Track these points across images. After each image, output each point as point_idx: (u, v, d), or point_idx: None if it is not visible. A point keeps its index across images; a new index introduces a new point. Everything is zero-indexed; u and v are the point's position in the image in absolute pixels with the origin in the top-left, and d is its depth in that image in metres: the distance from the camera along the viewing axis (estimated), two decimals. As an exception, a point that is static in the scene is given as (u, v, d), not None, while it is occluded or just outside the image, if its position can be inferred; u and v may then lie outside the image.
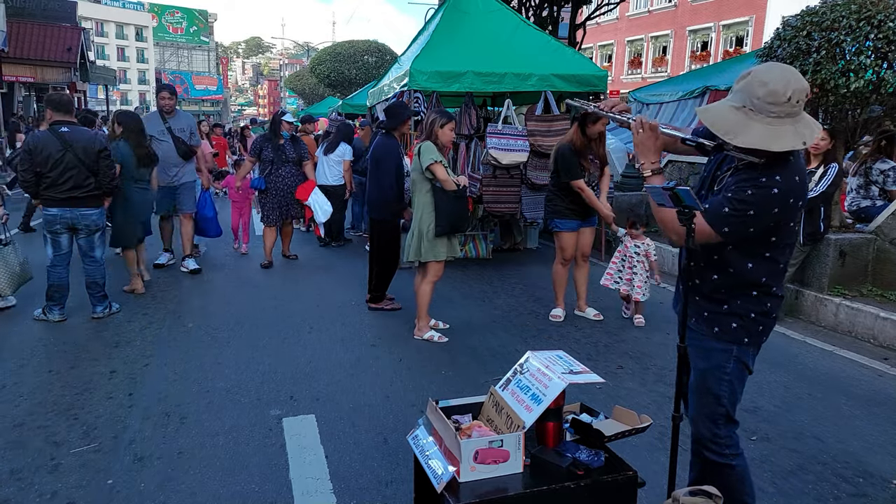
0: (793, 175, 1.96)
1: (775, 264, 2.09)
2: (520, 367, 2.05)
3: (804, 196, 2.03)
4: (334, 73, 34.70)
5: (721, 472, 2.21)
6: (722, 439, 2.19)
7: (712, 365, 2.16)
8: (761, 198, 1.94)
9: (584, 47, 15.46)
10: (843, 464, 3.05)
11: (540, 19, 12.90)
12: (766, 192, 1.94)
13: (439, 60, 7.02)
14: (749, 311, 2.11)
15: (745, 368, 2.17)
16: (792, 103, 1.90)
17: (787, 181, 1.94)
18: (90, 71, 27.20)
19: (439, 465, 1.81)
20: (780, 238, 2.06)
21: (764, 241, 2.05)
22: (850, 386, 4.02)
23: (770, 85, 1.90)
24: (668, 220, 2.10)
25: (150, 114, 6.64)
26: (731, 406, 2.17)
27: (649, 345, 4.69)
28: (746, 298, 2.11)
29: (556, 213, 5.13)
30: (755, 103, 1.91)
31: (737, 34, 27.02)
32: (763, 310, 2.11)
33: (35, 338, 4.68)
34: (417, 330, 4.77)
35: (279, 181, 6.98)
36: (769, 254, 2.07)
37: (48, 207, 4.83)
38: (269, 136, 7.01)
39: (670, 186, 2.23)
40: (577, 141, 4.94)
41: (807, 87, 1.96)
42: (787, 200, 1.95)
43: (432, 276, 4.69)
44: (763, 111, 1.90)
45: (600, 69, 7.71)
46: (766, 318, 2.13)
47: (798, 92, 1.91)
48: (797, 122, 1.93)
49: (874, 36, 4.86)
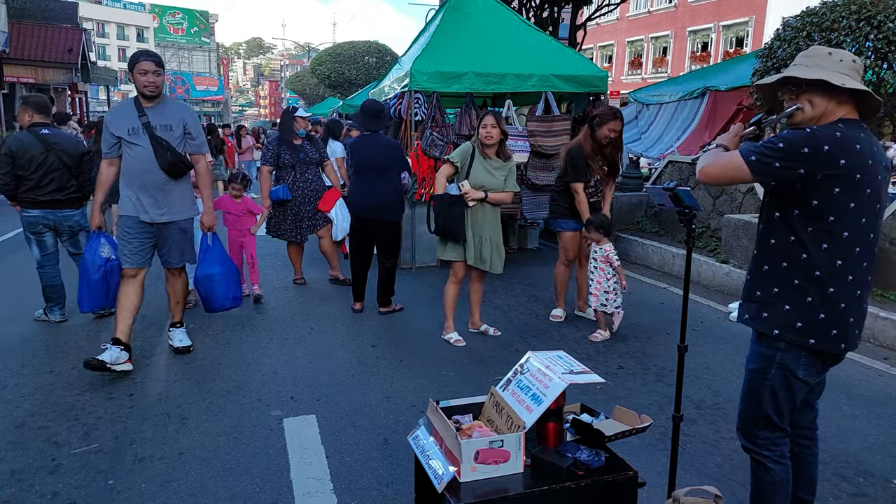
0: (836, 129, 1.93)
1: (832, 256, 1.96)
2: (520, 368, 2.05)
3: (852, 159, 1.90)
4: (335, 73, 34.71)
5: (755, 470, 2.23)
6: (760, 440, 2.19)
7: (756, 368, 2.16)
8: (792, 134, 1.94)
9: (584, 48, 15.45)
10: (844, 463, 3.05)
11: (540, 20, 12.90)
12: (799, 132, 1.94)
13: (440, 61, 7.02)
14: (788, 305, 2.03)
15: (790, 376, 2.09)
16: (835, 60, 2.01)
17: (826, 129, 1.93)
18: (91, 72, 27.21)
19: (440, 466, 1.81)
20: (825, 208, 1.93)
21: (808, 209, 1.96)
22: (850, 386, 4.02)
23: (812, 48, 2.08)
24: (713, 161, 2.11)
25: (122, 103, 4.18)
26: (773, 411, 2.14)
27: (650, 345, 4.69)
28: (791, 292, 2.02)
29: (559, 214, 5.12)
30: (797, 61, 2.06)
31: (737, 35, 27.02)
32: (811, 308, 2.00)
33: (36, 338, 4.68)
34: (443, 330, 4.77)
35: (306, 186, 5.92)
36: (826, 244, 1.96)
37: (29, 209, 4.74)
38: (283, 138, 5.86)
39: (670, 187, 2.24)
40: (586, 144, 4.89)
41: (853, 57, 2.06)
42: (819, 145, 1.89)
43: (451, 277, 4.67)
44: (801, 63, 2.04)
45: (600, 70, 7.71)
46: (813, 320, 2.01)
47: (840, 53, 2.04)
48: (840, 76, 1.97)
49: (874, 36, 4.87)
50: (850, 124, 1.97)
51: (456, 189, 4.41)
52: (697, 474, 2.92)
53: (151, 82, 3.88)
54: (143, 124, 3.89)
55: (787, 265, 2.03)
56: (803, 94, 2.00)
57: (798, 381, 2.10)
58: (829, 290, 1.98)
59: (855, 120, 2.00)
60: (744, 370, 2.25)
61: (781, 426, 2.16)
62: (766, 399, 2.13)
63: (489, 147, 4.42)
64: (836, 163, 1.89)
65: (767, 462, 2.18)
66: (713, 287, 6.33)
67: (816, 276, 1.98)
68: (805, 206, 1.97)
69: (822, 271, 1.98)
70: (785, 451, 2.20)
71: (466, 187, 4.38)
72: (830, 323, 2.00)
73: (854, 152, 1.91)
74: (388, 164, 5.13)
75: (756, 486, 2.24)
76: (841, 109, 1.99)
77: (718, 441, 3.26)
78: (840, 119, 1.98)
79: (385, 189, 5.14)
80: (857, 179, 1.92)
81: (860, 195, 1.94)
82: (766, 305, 2.09)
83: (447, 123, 7.31)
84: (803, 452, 2.31)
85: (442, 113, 7.22)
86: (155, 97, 3.94)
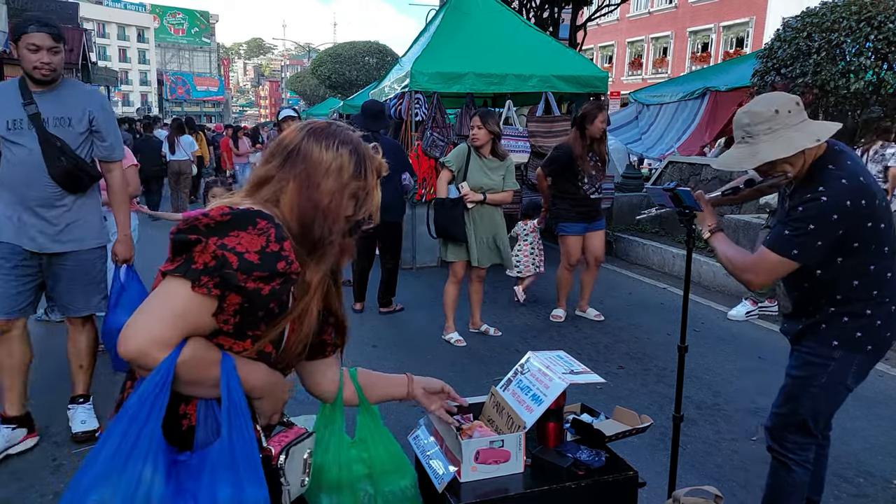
0: (838, 179, 1.94)
1: (867, 270, 2.02)
2: (521, 368, 2.05)
3: (867, 194, 1.95)
4: (335, 74, 34.71)
5: (776, 470, 2.23)
6: (789, 443, 2.19)
7: (803, 374, 2.14)
8: (814, 210, 1.92)
9: (584, 48, 15.47)
10: (844, 464, 3.05)
11: (541, 20, 12.91)
12: (816, 204, 1.92)
13: (440, 61, 7.03)
14: (844, 316, 2.06)
15: (838, 384, 2.10)
16: (783, 115, 1.94)
17: (834, 186, 1.92)
18: (92, 72, 27.19)
19: (440, 466, 1.81)
20: (866, 242, 1.98)
21: (850, 252, 1.98)
22: (850, 387, 4.01)
23: (752, 108, 2.00)
24: (731, 258, 2.11)
25: (4, 84, 2.96)
26: (811, 418, 2.14)
27: (650, 345, 4.69)
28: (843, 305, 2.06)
29: (560, 218, 5.12)
30: (748, 131, 1.99)
31: (737, 35, 27.03)
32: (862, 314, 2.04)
33: (37, 339, 4.66)
34: (444, 330, 4.78)
35: None
36: (863, 265, 2.01)
37: None
38: None
39: (670, 187, 2.24)
40: (576, 146, 4.90)
41: (794, 98, 2.01)
42: (843, 205, 1.91)
43: (450, 277, 4.67)
44: (759, 133, 1.96)
45: (601, 70, 7.73)
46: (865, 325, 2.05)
47: (784, 104, 1.96)
48: (803, 128, 1.95)
49: (874, 37, 4.87)
50: (835, 161, 1.98)
51: (456, 192, 4.43)
52: (697, 474, 2.92)
53: (46, 64, 2.76)
54: (29, 116, 2.80)
55: (840, 297, 2.06)
56: (780, 162, 1.98)
57: (844, 390, 2.12)
58: (886, 299, 2.05)
59: (829, 152, 2.01)
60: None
61: (814, 432, 2.17)
62: (806, 405, 2.13)
63: (481, 147, 4.43)
64: (861, 206, 1.93)
65: (792, 465, 2.18)
66: (713, 287, 6.33)
67: (874, 295, 2.03)
68: (847, 251, 1.99)
69: (878, 289, 2.03)
70: (810, 457, 2.20)
71: (465, 189, 4.40)
72: (886, 328, 2.06)
73: (860, 184, 1.95)
74: (390, 166, 5.14)
75: (774, 486, 2.24)
76: (813, 150, 1.99)
77: (718, 441, 3.26)
78: (824, 158, 1.98)
79: (386, 190, 5.14)
80: (877, 204, 1.97)
81: (882, 213, 1.98)
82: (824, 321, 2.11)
83: (448, 124, 7.32)
84: (817, 453, 2.32)
85: (442, 113, 7.23)
86: (49, 81, 2.83)
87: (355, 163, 1.36)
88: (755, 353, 4.57)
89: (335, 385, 1.62)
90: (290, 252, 1.21)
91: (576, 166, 4.89)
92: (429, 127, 7.02)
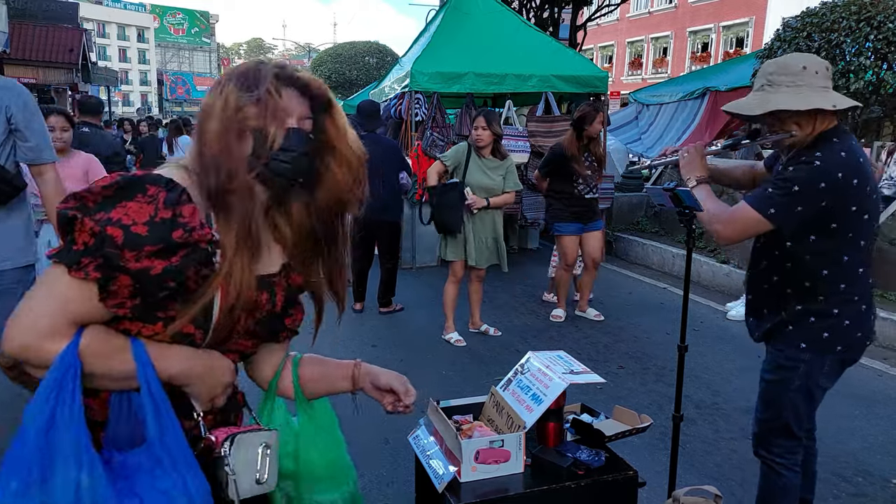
0: (838, 151, 1.90)
1: (840, 259, 1.98)
2: (520, 368, 2.05)
3: (861, 175, 1.90)
4: (335, 74, 34.67)
5: (766, 474, 2.23)
6: (775, 448, 2.18)
7: (776, 378, 2.13)
8: (803, 172, 1.89)
9: (584, 48, 15.46)
10: (843, 463, 3.06)
11: (540, 20, 12.91)
12: (807, 167, 1.89)
13: (440, 61, 7.03)
14: (811, 315, 2.03)
15: (813, 386, 2.09)
16: (810, 73, 1.91)
17: (831, 156, 1.89)
18: (92, 72, 27.20)
19: (440, 466, 1.81)
20: (845, 226, 1.94)
21: (826, 232, 1.95)
22: (849, 386, 4.01)
23: (781, 60, 1.98)
24: (708, 207, 2.06)
25: None
26: (793, 421, 2.13)
27: (650, 345, 4.70)
28: (810, 301, 2.02)
29: (556, 218, 5.12)
30: (771, 80, 1.97)
31: (737, 35, 27.03)
32: (829, 314, 2.02)
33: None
34: (443, 330, 4.78)
35: None
36: (847, 256, 1.97)
37: None
38: None
39: (670, 187, 2.24)
40: (570, 147, 4.90)
41: (825, 63, 1.96)
42: (833, 175, 1.87)
43: (450, 276, 4.68)
44: (781, 84, 1.94)
45: (601, 70, 7.73)
46: (833, 325, 2.02)
47: (813, 65, 1.92)
48: (824, 93, 1.92)
49: (874, 37, 4.87)
50: (840, 136, 1.96)
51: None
52: (697, 474, 2.93)
53: None
54: None
55: (808, 285, 2.03)
56: (790, 119, 1.95)
57: (818, 390, 2.12)
58: (855, 297, 2.03)
59: (839, 128, 1.98)
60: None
61: (798, 435, 2.17)
62: (787, 409, 2.12)
63: (483, 148, 4.44)
64: (851, 184, 1.90)
65: (781, 469, 2.17)
66: (713, 287, 6.34)
67: (842, 289, 2.00)
68: (824, 230, 1.96)
69: (847, 283, 2.01)
70: (798, 460, 2.19)
71: (471, 197, 4.39)
72: (856, 328, 2.06)
73: (860, 166, 1.92)
74: (388, 165, 5.14)
75: (765, 490, 2.22)
76: (825, 120, 1.96)
77: (718, 441, 3.26)
78: (831, 131, 1.96)
79: (384, 190, 5.15)
80: (868, 191, 1.94)
81: (869, 203, 1.95)
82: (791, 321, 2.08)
83: (447, 124, 7.32)
84: (805, 453, 2.32)
85: (442, 113, 7.23)
86: None
87: (241, 88, 1.10)
88: (754, 352, 4.55)
89: (274, 371, 1.50)
90: (192, 218, 1.03)
91: (570, 167, 4.89)
92: (429, 127, 7.02)
